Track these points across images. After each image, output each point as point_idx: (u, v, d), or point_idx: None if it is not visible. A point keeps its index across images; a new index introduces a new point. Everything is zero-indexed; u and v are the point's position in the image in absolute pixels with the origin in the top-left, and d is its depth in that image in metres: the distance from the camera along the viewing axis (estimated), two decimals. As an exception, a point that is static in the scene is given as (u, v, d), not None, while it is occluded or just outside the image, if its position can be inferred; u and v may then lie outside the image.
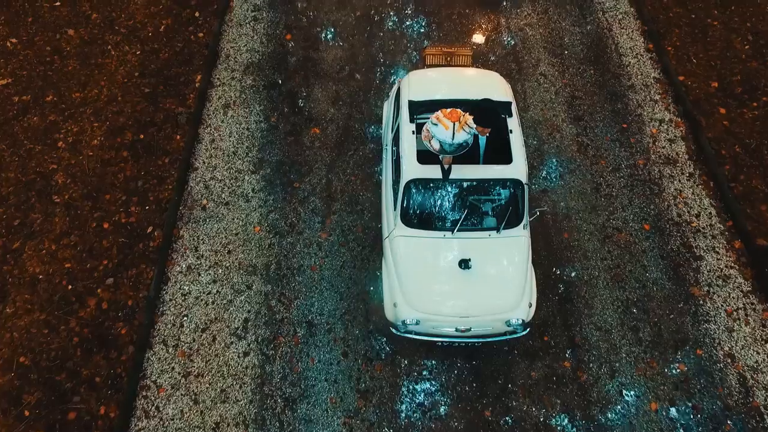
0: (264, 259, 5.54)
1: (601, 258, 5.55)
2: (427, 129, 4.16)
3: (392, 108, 5.43)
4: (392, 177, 4.92)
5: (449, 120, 3.87)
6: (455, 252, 4.49)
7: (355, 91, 6.79)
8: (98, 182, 5.93)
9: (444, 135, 3.88)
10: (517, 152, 4.51)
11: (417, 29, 7.35)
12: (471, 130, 3.94)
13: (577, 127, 6.47)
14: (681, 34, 7.17)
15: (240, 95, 6.75)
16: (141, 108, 6.52)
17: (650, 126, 6.47)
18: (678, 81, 6.71)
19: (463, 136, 3.89)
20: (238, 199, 5.94)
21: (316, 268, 5.49)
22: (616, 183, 6.04)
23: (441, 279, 4.46)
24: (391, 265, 4.65)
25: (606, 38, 7.28)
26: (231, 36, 7.32)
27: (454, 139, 3.87)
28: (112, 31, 7.23)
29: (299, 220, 5.80)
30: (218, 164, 6.18)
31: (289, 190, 6.01)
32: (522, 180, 4.46)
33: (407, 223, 4.58)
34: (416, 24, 7.41)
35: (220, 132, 6.43)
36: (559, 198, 5.92)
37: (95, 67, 6.87)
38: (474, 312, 4.41)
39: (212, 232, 5.72)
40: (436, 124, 3.90)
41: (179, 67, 6.91)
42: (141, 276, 5.35)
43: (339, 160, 6.23)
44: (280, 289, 5.36)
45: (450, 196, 4.52)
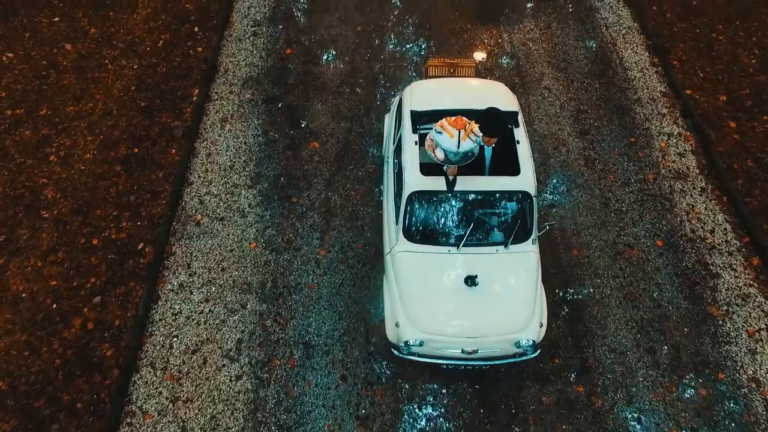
0: (259, 277, 5.29)
1: (613, 275, 5.30)
2: (430, 138, 3.97)
3: (394, 120, 5.26)
4: (394, 190, 4.71)
5: (454, 128, 3.68)
6: (460, 268, 4.24)
7: (356, 105, 6.65)
8: (89, 197, 5.72)
9: (449, 143, 3.69)
10: (525, 163, 4.31)
11: (418, 45, 7.26)
12: (477, 139, 3.74)
13: (584, 141, 6.29)
14: (686, 49, 7.07)
15: (238, 109, 6.60)
16: (136, 122, 6.37)
17: (659, 140, 6.29)
18: (685, 95, 6.57)
19: (468, 144, 3.70)
20: (233, 214, 5.72)
21: (314, 286, 5.23)
22: (625, 198, 5.83)
23: (446, 297, 4.21)
24: (393, 283, 4.40)
25: (610, 53, 7.18)
26: (230, 51, 7.22)
27: (460, 147, 3.68)
28: (109, 46, 7.14)
29: (297, 236, 5.57)
30: (214, 179, 5.99)
31: (287, 206, 5.79)
32: (531, 192, 4.25)
33: (410, 237, 4.35)
34: (418, 39, 7.32)
35: (216, 146, 6.26)
36: (567, 213, 5.70)
37: (91, 81, 6.75)
38: (481, 332, 4.14)
39: (206, 248, 5.48)
40: (440, 132, 3.71)
41: (176, 81, 6.79)
42: (130, 294, 5.09)
43: (339, 174, 6.03)
44: (275, 308, 5.10)
45: (455, 209, 4.30)
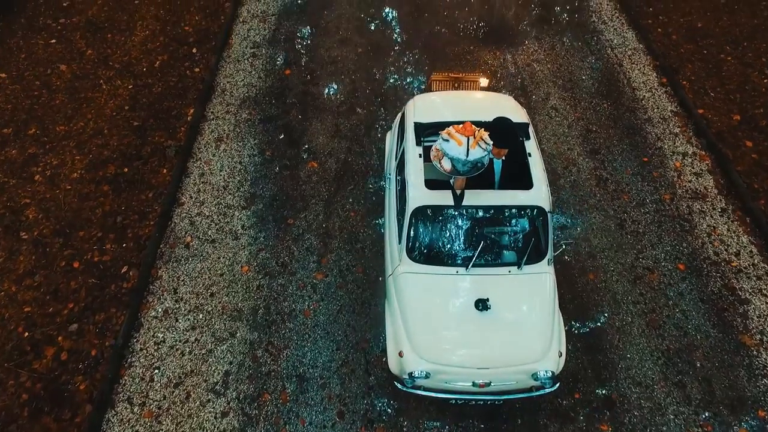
0: (251, 303, 4.90)
1: (633, 301, 4.90)
2: (436, 148, 3.68)
3: (396, 137, 5.00)
4: (396, 207, 4.39)
5: (462, 135, 3.39)
6: (470, 291, 3.86)
7: (356, 125, 6.41)
8: (73, 218, 5.39)
9: (457, 151, 3.39)
10: (538, 177, 4.00)
11: (421, 66, 7.10)
12: (488, 147, 3.45)
13: (594, 161, 6.02)
14: (695, 69, 6.90)
15: (234, 129, 6.37)
16: (128, 141, 6.12)
17: (673, 159, 6.01)
18: (698, 114, 6.35)
19: (478, 152, 3.40)
20: (225, 236, 5.38)
21: (310, 313, 4.83)
22: (642, 219, 5.50)
23: (454, 323, 3.81)
24: (396, 308, 4.01)
25: (617, 73, 7.01)
26: (228, 71, 7.06)
27: (469, 155, 3.37)
28: (105, 67, 6.98)
29: (292, 260, 5.21)
30: (206, 199, 5.68)
31: (283, 227, 5.46)
32: (545, 207, 3.92)
33: (414, 257, 3.99)
34: (420, 61, 7.18)
35: (210, 166, 5.98)
36: (581, 235, 5.35)
37: (83, 101, 6.55)
38: (494, 363, 3.72)
39: (194, 272, 5.11)
40: (447, 140, 3.42)
41: (172, 101, 6.59)
42: (110, 321, 4.69)
43: (338, 195, 5.73)
44: (267, 337, 4.68)
45: (463, 226, 3.96)
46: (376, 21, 7.77)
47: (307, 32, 7.60)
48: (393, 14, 7.89)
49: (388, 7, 8.01)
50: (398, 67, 7.10)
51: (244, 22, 7.78)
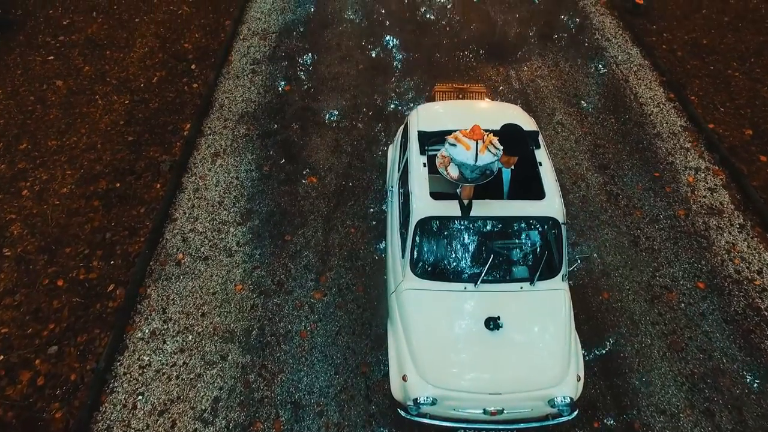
0: (244, 324, 4.59)
1: (652, 322, 4.59)
2: (442, 155, 3.46)
3: (398, 149, 4.80)
4: (399, 220, 4.14)
5: (470, 139, 3.18)
6: (479, 309, 3.58)
7: (357, 140, 6.23)
8: (60, 234, 5.14)
9: (464, 157, 3.17)
10: (551, 186, 3.77)
11: (423, 82, 6.98)
12: (498, 152, 3.23)
13: (604, 176, 5.80)
14: (702, 85, 6.77)
15: (231, 144, 6.19)
16: (121, 156, 5.92)
17: (685, 174, 5.80)
18: (708, 129, 6.17)
19: (488, 157, 3.17)
20: (219, 253, 5.11)
21: (307, 334, 4.52)
22: (656, 235, 5.24)
23: (463, 344, 3.50)
24: (399, 327, 3.71)
25: (623, 88, 6.88)
26: (227, 87, 6.94)
27: (477, 161, 3.15)
28: (102, 83, 6.86)
29: (289, 278, 4.93)
30: (200, 215, 5.44)
31: (279, 244, 5.20)
32: (558, 219, 3.67)
33: (418, 273, 3.72)
34: (422, 77, 7.06)
35: (205, 181, 5.77)
36: (593, 252, 5.09)
37: (78, 116, 6.40)
38: (507, 388, 3.40)
39: (185, 291, 4.82)
40: (454, 145, 3.20)
41: (168, 116, 6.43)
42: (92, 343, 4.38)
43: (338, 210, 5.49)
44: (261, 360, 4.36)
45: (471, 239, 3.70)
46: (378, 39, 7.70)
47: (308, 49, 7.52)
48: (395, 32, 7.84)
49: (390, 26, 7.96)
50: (400, 83, 6.98)
51: (245, 39, 7.72)
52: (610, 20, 8.01)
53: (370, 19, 8.07)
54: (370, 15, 8.17)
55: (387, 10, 8.27)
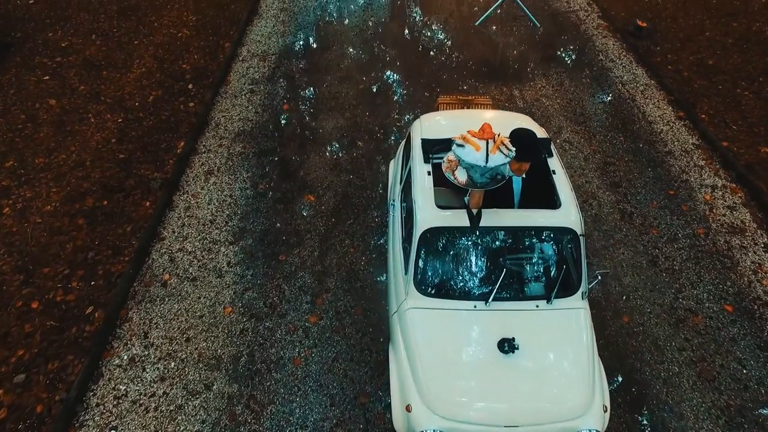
0: (233, 349, 4.20)
1: (678, 348, 4.20)
2: (449, 159, 3.19)
3: (401, 161, 4.54)
4: (401, 235, 3.83)
5: (480, 139, 2.91)
6: (491, 329, 3.22)
7: (357, 158, 6.00)
8: (39, 253, 4.82)
9: (474, 158, 2.89)
10: (566, 195, 3.48)
11: (425, 102, 6.82)
12: (510, 153, 2.95)
13: (616, 194, 5.52)
14: (712, 103, 6.59)
15: (226, 162, 5.95)
16: (111, 173, 5.67)
17: (701, 192, 5.52)
18: (722, 147, 5.94)
19: (499, 158, 2.90)
20: (208, 274, 4.77)
21: (301, 361, 4.12)
22: (676, 255, 4.91)
23: (474, 369, 3.12)
24: (402, 352, 3.34)
25: (630, 107, 6.70)
26: (224, 106, 6.77)
27: (489, 162, 2.87)
28: (96, 102, 6.70)
29: (282, 300, 4.57)
30: (190, 234, 5.13)
31: (273, 264, 4.87)
32: (576, 230, 3.35)
33: (423, 290, 3.37)
34: (424, 96, 6.90)
35: (198, 199, 5.49)
36: (609, 275, 4.74)
37: (68, 134, 6.19)
38: (525, 419, 3.00)
39: (170, 314, 4.45)
40: (462, 146, 2.93)
41: (162, 134, 6.23)
42: (64, 371, 3.98)
43: (336, 229, 5.18)
44: (249, 389, 3.95)
45: (480, 252, 3.38)
46: (379, 61, 7.61)
47: (308, 70, 7.41)
48: (396, 54, 7.75)
49: (391, 48, 7.89)
50: (402, 103, 6.82)
51: (244, 60, 7.62)
52: (613, 42, 7.94)
53: (371, 42, 8.01)
54: (371, 38, 8.13)
55: (389, 33, 8.23)
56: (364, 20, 8.57)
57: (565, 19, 8.50)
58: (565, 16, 8.56)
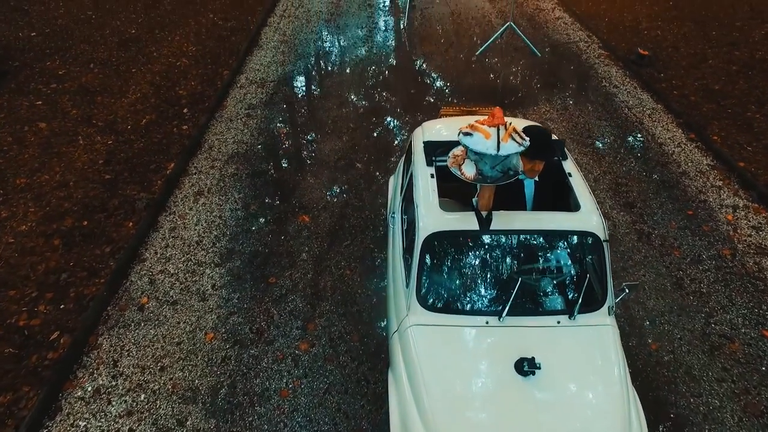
0: (212, 380, 3.72)
1: (717, 378, 3.71)
2: (454, 154, 2.87)
3: (401, 172, 4.23)
4: (402, 246, 3.45)
5: (490, 126, 2.60)
6: (507, 349, 2.78)
7: (355, 179, 5.70)
8: (6, 274, 4.42)
9: (484, 146, 2.56)
10: (585, 198, 3.13)
11: (425, 123, 6.61)
12: (524, 143, 2.63)
13: (631, 215, 5.17)
14: (723, 126, 6.37)
15: (218, 183, 5.65)
16: (94, 194, 5.36)
17: (722, 212, 5.17)
18: (739, 167, 5.65)
19: (512, 146, 2.57)
20: (190, 297, 4.35)
21: (288, 393, 3.63)
22: (702, 277, 4.49)
23: (488, 395, 2.66)
24: (403, 377, 2.88)
25: (638, 130, 6.48)
26: (218, 129, 6.56)
27: (500, 150, 2.54)
28: (87, 125, 6.50)
29: (271, 325, 4.12)
30: (174, 255, 4.74)
31: (262, 287, 4.45)
32: (599, 235, 2.98)
33: (427, 304, 2.96)
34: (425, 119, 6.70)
35: (184, 220, 5.15)
36: (631, 296, 4.31)
37: (55, 155, 5.93)
38: (550, 456, 2.50)
39: (145, 340, 4.00)
40: (470, 134, 2.61)
41: (152, 156, 5.97)
42: (17, 404, 3.49)
43: (331, 250, 4.80)
44: (228, 425, 3.44)
45: (492, 260, 2.99)
46: (379, 87, 7.49)
47: (307, 96, 7.28)
48: (397, 80, 7.65)
49: (391, 75, 7.81)
50: (402, 126, 6.61)
51: (242, 87, 7.51)
52: (616, 70, 7.86)
53: (371, 71, 7.94)
54: (371, 67, 8.07)
55: (389, 63, 8.19)
56: (365, 51, 8.56)
57: (566, 50, 8.48)
58: (565, 47, 8.55)
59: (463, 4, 10.36)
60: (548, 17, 9.70)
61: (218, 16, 9.63)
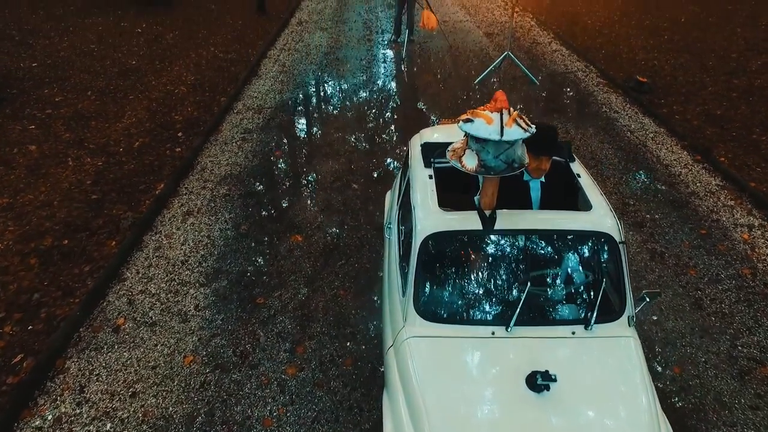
0: (188, 407, 3.34)
1: (750, 406, 3.32)
2: (453, 148, 2.65)
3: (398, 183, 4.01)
4: (398, 253, 3.18)
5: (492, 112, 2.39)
6: (516, 362, 2.45)
7: (351, 199, 5.49)
8: (-25, 293, 4.11)
9: (486, 131, 2.35)
10: (597, 198, 2.89)
11: (424, 146, 6.46)
12: (530, 129, 2.42)
13: (641, 234, 4.91)
14: (729, 148, 6.22)
15: (208, 203, 5.43)
16: (78, 213, 5.13)
17: (737, 232, 4.91)
18: (751, 187, 5.44)
19: (516, 132, 2.36)
20: (171, 318, 4.02)
21: (272, 421, 3.25)
22: (723, 297, 4.17)
23: (494, 418, 2.31)
24: (399, 397, 2.53)
25: (642, 152, 6.33)
26: (212, 152, 6.42)
27: (504, 135, 2.33)
28: (79, 147, 6.36)
29: (256, 348, 3.77)
30: (157, 275, 4.45)
31: (249, 308, 4.13)
32: (614, 236, 2.71)
33: (425, 313, 2.65)
34: (423, 142, 6.57)
35: (171, 240, 4.88)
36: (647, 317, 3.99)
37: (41, 176, 5.75)
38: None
39: (117, 364, 3.64)
40: (471, 120, 2.40)
41: (143, 177, 5.79)
42: (-33, 433, 3.10)
43: (324, 270, 4.51)
44: (202, 459, 3.04)
45: (497, 263, 2.71)
46: (377, 113, 7.43)
47: (304, 121, 7.21)
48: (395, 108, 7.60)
49: (390, 103, 7.76)
50: (401, 149, 6.47)
51: (239, 113, 7.44)
52: (615, 97, 7.82)
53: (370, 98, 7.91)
54: (370, 94, 8.04)
55: (387, 91, 8.17)
56: (364, 79, 8.57)
57: (564, 78, 8.49)
58: (563, 76, 8.57)
59: (461, 39, 10.53)
60: (545, 50, 9.82)
61: (219, 49, 9.75)
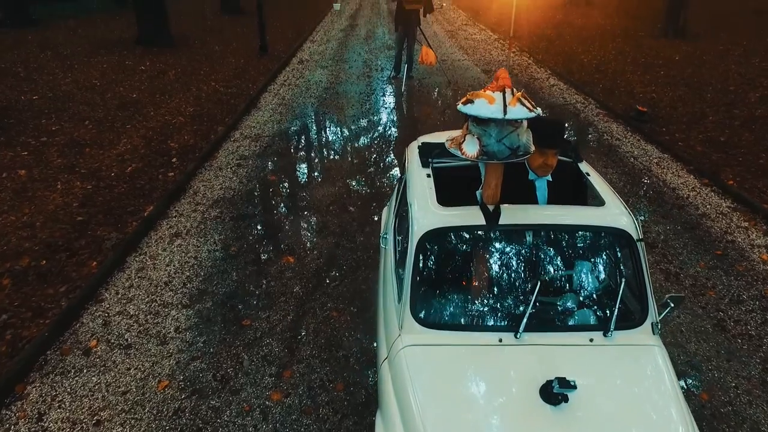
0: (157, 437, 2.97)
1: (793, 436, 2.94)
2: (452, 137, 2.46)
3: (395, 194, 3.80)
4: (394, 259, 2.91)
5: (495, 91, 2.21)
6: (528, 373, 2.13)
7: (347, 222, 5.27)
8: (-62, 313, 3.81)
9: (488, 110, 2.15)
10: (609, 194, 2.66)
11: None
12: (535, 110, 2.23)
13: (654, 255, 4.65)
14: (737, 172, 6.06)
15: (198, 225, 5.20)
16: (60, 234, 4.90)
17: (755, 252, 4.65)
18: (764, 209, 5.22)
19: (521, 111, 2.16)
20: (148, 340, 3.70)
21: (252, 453, 2.86)
22: (747, 319, 3.85)
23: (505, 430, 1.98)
24: (394, 417, 2.19)
25: (648, 177, 6.16)
26: (206, 177, 6.27)
27: (508, 113, 2.13)
28: (70, 172, 6.21)
29: (239, 372, 3.43)
30: (137, 296, 4.16)
31: (234, 330, 3.81)
32: (631, 233, 2.45)
33: (423, 320, 2.36)
34: (422, 167, 6.43)
35: (155, 261, 4.62)
36: (668, 339, 3.66)
37: (27, 199, 5.56)
38: None
39: (84, 389, 3.29)
40: (471, 101, 2.22)
41: (132, 200, 5.60)
42: None
43: (317, 291, 4.22)
44: (168, 495, 2.64)
45: (503, 263, 2.44)
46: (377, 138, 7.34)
47: (301, 148, 7.11)
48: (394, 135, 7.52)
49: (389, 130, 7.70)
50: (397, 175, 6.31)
51: (235, 141, 7.37)
52: (616, 126, 7.76)
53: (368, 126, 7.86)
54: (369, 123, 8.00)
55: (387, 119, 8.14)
56: (362, 111, 8.57)
57: (564, 110, 8.48)
58: (562, 108, 8.56)
59: (459, 75, 10.67)
60: (543, 85, 9.90)
61: (220, 84, 9.85)
